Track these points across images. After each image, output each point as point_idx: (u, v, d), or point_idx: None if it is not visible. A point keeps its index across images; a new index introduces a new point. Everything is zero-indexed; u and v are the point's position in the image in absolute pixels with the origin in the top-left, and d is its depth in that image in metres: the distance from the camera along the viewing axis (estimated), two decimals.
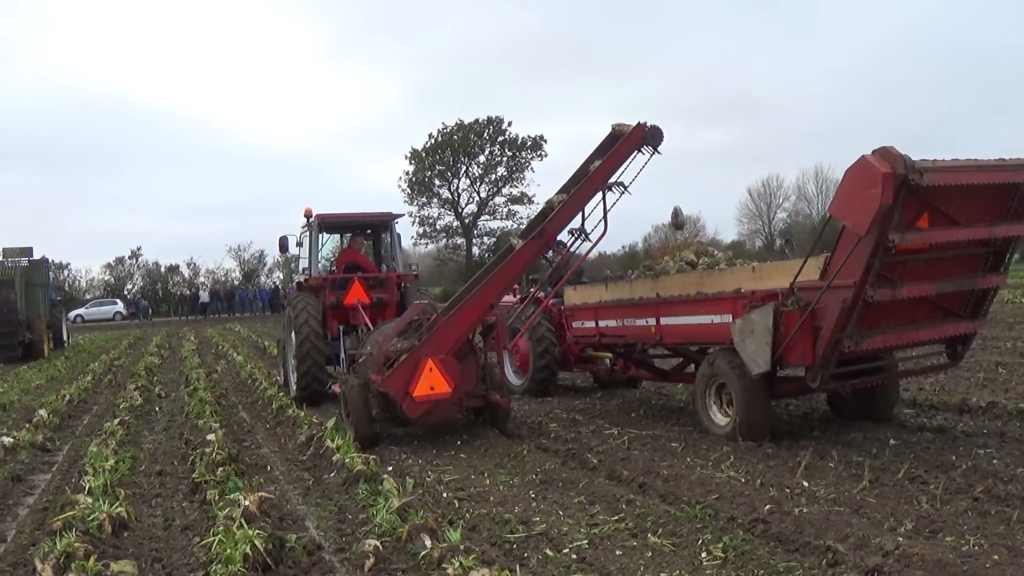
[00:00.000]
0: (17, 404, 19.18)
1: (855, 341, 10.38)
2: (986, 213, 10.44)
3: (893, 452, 10.38)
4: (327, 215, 18.63)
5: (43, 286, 37.61)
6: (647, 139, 13.28)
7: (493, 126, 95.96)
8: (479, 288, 13.25)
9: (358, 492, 9.53)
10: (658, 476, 9.76)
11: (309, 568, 7.28)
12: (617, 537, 7.82)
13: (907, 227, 9.74)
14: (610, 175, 13.36)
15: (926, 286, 10.52)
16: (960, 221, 10.23)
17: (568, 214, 13.38)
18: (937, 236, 10.12)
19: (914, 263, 10.39)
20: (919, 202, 9.73)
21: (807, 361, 10.70)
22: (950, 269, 10.76)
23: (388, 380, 12.50)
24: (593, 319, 15.56)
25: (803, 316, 10.51)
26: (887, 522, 7.69)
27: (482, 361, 13.55)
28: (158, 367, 27.48)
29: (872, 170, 9.37)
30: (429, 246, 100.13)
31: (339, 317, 18.08)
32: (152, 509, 9.66)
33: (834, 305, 10.21)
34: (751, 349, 11.05)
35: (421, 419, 12.79)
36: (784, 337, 10.70)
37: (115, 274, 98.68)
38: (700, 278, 13.22)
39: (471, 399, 13.41)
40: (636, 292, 14.43)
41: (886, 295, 10.15)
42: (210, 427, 13.35)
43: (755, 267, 12.85)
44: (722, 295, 12.11)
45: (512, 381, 17.88)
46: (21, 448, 12.91)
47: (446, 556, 6.80)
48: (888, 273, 10.15)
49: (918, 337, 11.27)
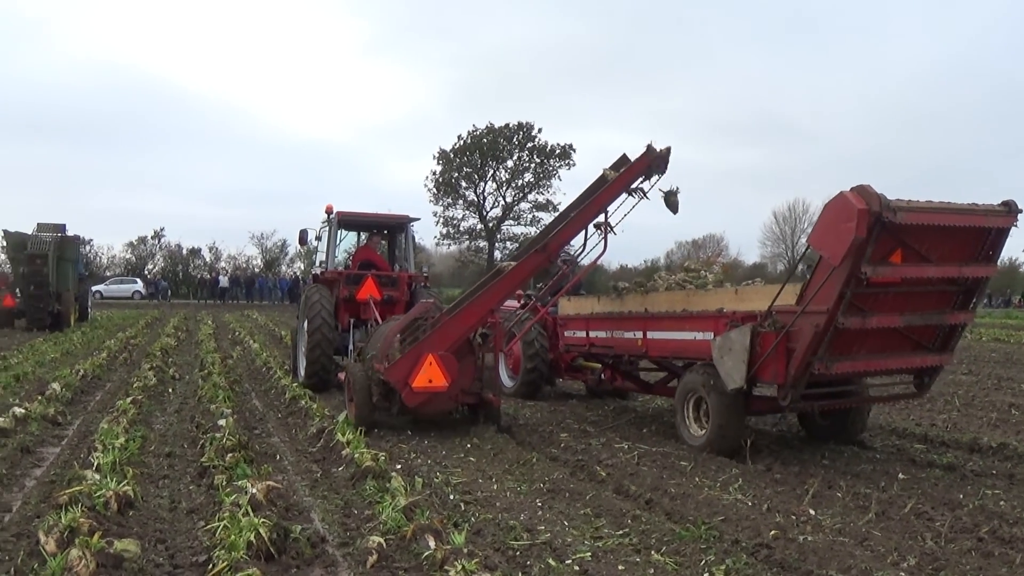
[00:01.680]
0: (31, 376, 19.22)
1: (825, 364, 10.93)
2: (957, 253, 10.99)
3: (901, 486, 10.32)
4: (347, 213, 19.54)
5: (73, 261, 39.68)
6: (654, 165, 13.88)
7: (523, 132, 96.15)
8: (482, 293, 14.07)
9: (365, 488, 9.53)
10: (665, 494, 9.72)
11: (312, 560, 7.27)
12: (620, 551, 7.80)
13: (880, 261, 10.34)
14: (614, 198, 14.03)
15: (895, 318, 11.10)
16: (932, 259, 10.80)
17: (571, 231, 14.24)
18: (908, 271, 10.76)
19: (885, 295, 10.99)
20: (893, 239, 10.33)
21: (779, 380, 11.29)
22: (920, 304, 11.33)
23: (390, 370, 13.44)
24: (584, 329, 16.22)
25: (778, 337, 11.07)
26: (890, 556, 7.63)
27: (479, 361, 14.35)
28: (174, 349, 27.51)
29: (849, 206, 9.96)
30: (451, 247, 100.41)
31: (351, 310, 18.98)
32: (159, 490, 9.68)
33: (807, 329, 10.80)
34: (728, 365, 11.60)
35: (417, 409, 13.70)
36: (759, 356, 11.28)
37: (137, 253, 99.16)
38: (687, 296, 13.82)
39: (466, 396, 14.26)
40: (626, 306, 15.05)
41: (856, 323, 10.68)
42: (222, 412, 13.37)
43: (737, 289, 13.29)
44: (705, 313, 12.72)
45: (505, 383, 18.59)
46: (32, 420, 12.93)
47: (449, 558, 6.79)
48: (860, 303, 10.71)
49: (887, 366, 11.86)
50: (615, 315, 15.20)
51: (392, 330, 14.29)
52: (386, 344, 13.96)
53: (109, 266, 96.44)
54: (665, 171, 13.99)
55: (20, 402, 14.21)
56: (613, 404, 17.52)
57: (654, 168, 13.94)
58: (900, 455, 12.36)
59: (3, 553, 7.20)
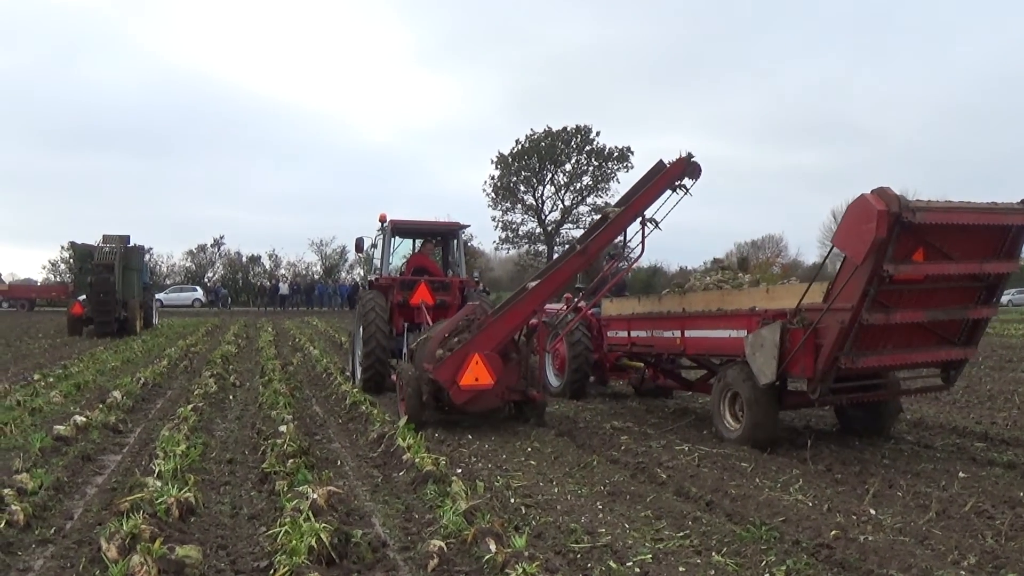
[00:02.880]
0: (92, 385, 19.42)
1: (852, 359, 11.44)
2: (978, 251, 11.44)
3: (962, 485, 10.21)
4: (399, 221, 20.30)
5: (138, 270, 42.20)
6: (687, 173, 14.14)
7: (581, 135, 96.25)
8: (525, 295, 14.74)
9: (426, 492, 9.53)
10: (726, 495, 9.66)
11: (373, 565, 7.26)
12: (681, 553, 7.75)
13: (902, 259, 10.85)
14: (649, 204, 14.36)
15: (919, 313, 11.56)
16: (953, 257, 11.27)
17: (610, 235, 14.75)
18: (930, 269, 11.24)
19: (909, 292, 11.50)
20: (914, 238, 10.84)
21: (808, 374, 11.81)
22: (944, 299, 11.80)
23: (439, 369, 14.17)
24: (627, 329, 16.85)
25: (806, 334, 11.63)
26: (951, 555, 7.56)
27: (524, 360, 15.00)
28: (234, 356, 27.65)
29: (869, 207, 10.49)
30: (511, 251, 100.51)
31: (405, 315, 19.81)
32: (220, 496, 9.73)
33: (833, 325, 11.34)
34: (760, 361, 12.21)
35: (465, 406, 14.38)
36: (789, 351, 11.85)
37: (196, 261, 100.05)
38: (722, 296, 14.28)
39: (511, 393, 14.87)
40: (665, 306, 15.64)
41: (880, 319, 11.21)
42: (282, 418, 13.43)
43: (769, 288, 13.74)
44: (739, 312, 13.36)
45: (552, 383, 19.19)
46: (93, 428, 13.05)
47: (510, 561, 6.79)
48: (884, 300, 11.22)
49: (912, 360, 12.26)
50: (655, 315, 15.82)
51: (440, 332, 15.01)
52: (434, 345, 14.64)
53: (169, 274, 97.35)
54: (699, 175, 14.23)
55: (81, 410, 14.36)
56: (673, 405, 17.54)
57: (687, 173, 14.17)
58: (960, 454, 12.24)
59: (65, 560, 7.26)
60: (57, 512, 8.83)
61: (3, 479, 9.66)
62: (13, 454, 11.26)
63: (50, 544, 7.79)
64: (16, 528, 7.94)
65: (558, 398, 18.08)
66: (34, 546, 7.73)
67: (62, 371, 21.69)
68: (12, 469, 10.14)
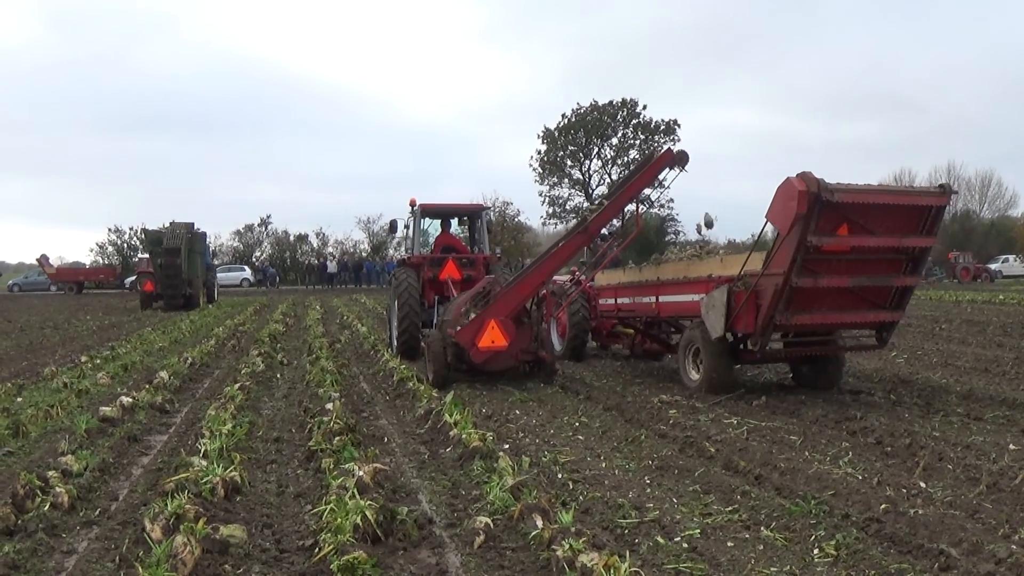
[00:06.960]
0: (139, 365, 19.62)
1: (786, 317, 13.52)
2: (899, 227, 13.40)
3: (1012, 457, 10.02)
4: (427, 205, 22.74)
5: (201, 253, 48.97)
6: (675, 161, 15.95)
7: (627, 108, 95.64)
8: (533, 268, 16.94)
9: (473, 468, 9.52)
10: (775, 469, 9.59)
11: (419, 542, 7.26)
12: (730, 528, 7.70)
13: (826, 233, 12.86)
14: (643, 188, 16.99)
15: (844, 279, 13.55)
16: (876, 232, 13.25)
17: (608, 215, 16.58)
18: (854, 241, 13.20)
19: (838, 261, 13.47)
20: (838, 215, 12.83)
21: (749, 330, 14.02)
22: (871, 269, 13.75)
23: (460, 333, 16.20)
24: (614, 297, 19.54)
25: (747, 295, 13.74)
26: (1002, 528, 7.44)
27: (535, 325, 16.93)
28: (282, 334, 27.79)
29: (792, 188, 12.47)
30: (558, 226, 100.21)
31: (435, 289, 21.92)
32: (266, 475, 9.76)
33: (769, 288, 13.44)
34: (712, 319, 14.39)
35: (483, 365, 16.54)
36: (735, 310, 13.97)
37: (244, 241, 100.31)
38: (687, 266, 16.70)
39: (524, 354, 16.93)
40: (644, 276, 18.12)
41: (808, 283, 13.22)
42: (330, 396, 13.49)
43: (723, 258, 16.10)
44: (699, 279, 15.55)
45: (555, 346, 20.74)
46: (140, 409, 13.14)
47: (556, 537, 6.74)
48: (813, 267, 13.24)
49: (843, 320, 14.32)
50: (635, 284, 18.30)
51: (461, 301, 17.28)
52: (456, 312, 16.85)
53: (216, 254, 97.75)
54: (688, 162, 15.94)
55: (128, 391, 14.45)
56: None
57: (676, 162, 15.93)
58: (1011, 426, 12.02)
59: (109, 541, 7.28)
60: (102, 493, 8.86)
61: (49, 461, 9.77)
62: (59, 436, 11.36)
63: (95, 525, 7.81)
64: (60, 510, 7.98)
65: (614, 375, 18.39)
66: (78, 528, 7.74)
67: (109, 352, 21.85)
68: (58, 451, 10.22)
